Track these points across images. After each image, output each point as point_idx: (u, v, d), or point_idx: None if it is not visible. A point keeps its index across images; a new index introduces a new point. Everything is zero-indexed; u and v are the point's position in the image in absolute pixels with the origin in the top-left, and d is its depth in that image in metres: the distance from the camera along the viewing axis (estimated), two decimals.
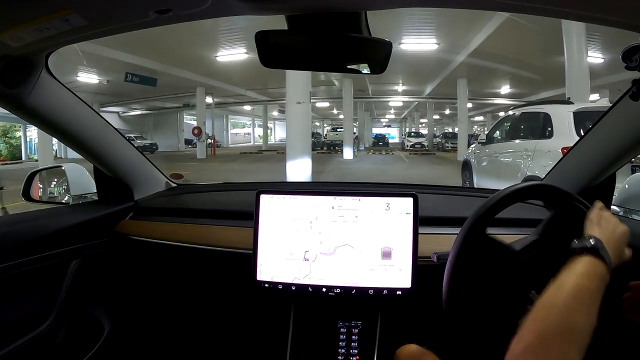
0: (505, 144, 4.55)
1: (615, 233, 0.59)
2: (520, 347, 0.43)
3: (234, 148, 25.99)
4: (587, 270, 0.51)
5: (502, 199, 0.61)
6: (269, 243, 0.92)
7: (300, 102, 6.80)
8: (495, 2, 0.55)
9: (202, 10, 0.58)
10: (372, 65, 0.71)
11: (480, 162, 5.17)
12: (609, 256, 0.53)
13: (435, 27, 8.80)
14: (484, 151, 5.08)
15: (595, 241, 0.54)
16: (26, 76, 0.79)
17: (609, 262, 0.53)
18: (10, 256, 0.88)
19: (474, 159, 5.36)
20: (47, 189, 1.37)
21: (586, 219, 0.61)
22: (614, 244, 0.57)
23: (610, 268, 0.53)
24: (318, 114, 30.22)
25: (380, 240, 0.88)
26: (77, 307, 1.03)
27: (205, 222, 1.09)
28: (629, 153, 0.83)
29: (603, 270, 0.52)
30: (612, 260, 0.53)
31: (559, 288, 0.49)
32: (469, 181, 5.39)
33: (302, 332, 0.94)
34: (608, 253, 0.54)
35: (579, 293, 0.47)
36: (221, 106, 21.74)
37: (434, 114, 24.54)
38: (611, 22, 0.53)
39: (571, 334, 0.44)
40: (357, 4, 0.60)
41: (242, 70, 12.26)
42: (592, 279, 0.50)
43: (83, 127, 0.99)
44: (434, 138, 23.37)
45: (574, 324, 0.45)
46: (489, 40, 8.54)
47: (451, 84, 14.48)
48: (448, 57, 10.91)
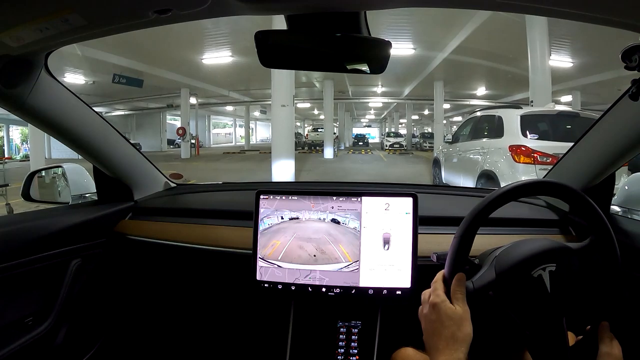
0: (467, 143, 5.00)
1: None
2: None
3: (216, 148, 26.33)
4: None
5: (500, 196, 0.61)
6: (268, 243, 0.92)
7: (285, 105, 7.19)
8: (496, 2, 0.55)
9: (202, 10, 0.58)
10: (371, 65, 0.70)
11: (447, 160, 5.69)
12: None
13: (412, 32, 9.17)
14: (450, 150, 5.56)
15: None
16: (26, 76, 0.79)
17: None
18: (10, 256, 0.88)
19: (442, 157, 5.90)
20: (47, 188, 1.37)
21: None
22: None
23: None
24: (299, 115, 30.67)
25: (380, 240, 0.88)
26: (77, 307, 1.03)
27: (205, 222, 1.09)
28: (629, 153, 0.83)
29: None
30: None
31: None
32: (438, 177, 5.99)
33: (302, 332, 0.94)
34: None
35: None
36: (204, 107, 22.02)
37: (413, 114, 25.25)
38: (611, 22, 0.53)
39: None
40: (357, 4, 0.60)
41: (226, 72, 12.64)
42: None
43: (82, 127, 0.99)
44: (413, 138, 23.98)
45: None
46: (463, 45, 8.93)
47: (429, 86, 15.14)
48: (424, 61, 11.47)
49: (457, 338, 0.54)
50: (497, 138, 4.18)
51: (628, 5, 0.49)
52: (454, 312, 0.55)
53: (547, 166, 3.61)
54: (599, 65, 9.89)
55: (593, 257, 0.62)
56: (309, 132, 24.57)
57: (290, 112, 7.45)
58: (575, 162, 0.98)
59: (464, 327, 0.54)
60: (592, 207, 0.62)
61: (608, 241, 0.61)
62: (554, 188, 0.65)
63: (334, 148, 16.25)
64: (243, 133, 29.70)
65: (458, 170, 5.19)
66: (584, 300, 0.60)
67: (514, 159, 3.81)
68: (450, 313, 0.55)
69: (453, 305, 0.56)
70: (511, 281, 0.58)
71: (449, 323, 0.55)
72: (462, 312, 0.55)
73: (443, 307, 0.56)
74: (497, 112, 4.50)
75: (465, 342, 0.53)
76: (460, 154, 5.18)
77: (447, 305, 0.56)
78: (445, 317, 0.55)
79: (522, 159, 3.77)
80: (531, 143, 3.79)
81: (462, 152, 5.09)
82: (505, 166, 3.91)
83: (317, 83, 16.32)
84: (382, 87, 18.31)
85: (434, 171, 6.40)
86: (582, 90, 13.61)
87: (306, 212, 0.91)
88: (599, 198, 0.85)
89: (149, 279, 1.18)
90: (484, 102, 17.00)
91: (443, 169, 5.83)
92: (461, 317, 0.55)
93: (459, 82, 14.78)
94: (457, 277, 0.58)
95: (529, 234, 0.96)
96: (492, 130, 4.42)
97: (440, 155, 6.10)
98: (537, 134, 3.91)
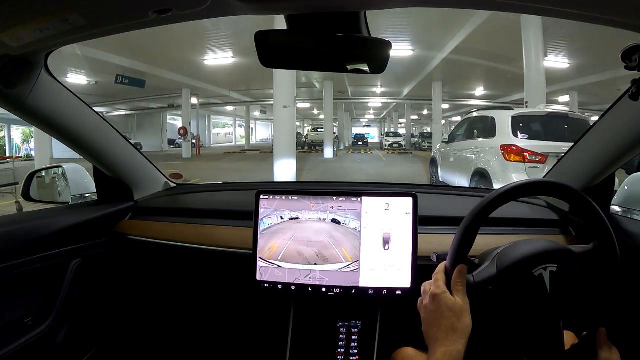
0: (462, 143, 5.21)
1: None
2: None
3: (216, 148, 26.51)
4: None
5: (500, 196, 0.61)
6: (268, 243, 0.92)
7: (287, 106, 7.41)
8: (496, 2, 0.55)
9: (202, 10, 0.58)
10: (371, 65, 0.70)
11: (443, 159, 5.92)
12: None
13: (410, 34, 9.28)
14: (447, 149, 5.78)
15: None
16: (26, 76, 0.79)
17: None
18: (10, 256, 0.87)
19: (439, 156, 6.14)
20: (47, 189, 1.37)
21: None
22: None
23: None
24: (299, 115, 30.87)
25: (380, 241, 0.88)
26: (77, 307, 1.03)
27: (205, 222, 1.09)
28: (629, 153, 0.83)
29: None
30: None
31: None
32: (435, 176, 6.23)
33: (302, 332, 0.94)
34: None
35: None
36: (205, 107, 22.17)
37: (412, 114, 25.47)
38: (611, 22, 0.53)
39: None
40: (357, 4, 0.60)
41: (227, 72, 12.76)
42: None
43: (82, 127, 0.99)
44: (412, 138, 24.23)
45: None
46: (462, 46, 9.03)
47: (427, 87, 15.31)
48: (423, 62, 11.59)
49: (456, 329, 0.54)
50: (490, 138, 4.38)
51: (628, 5, 0.49)
52: (454, 304, 0.55)
53: (536, 164, 3.85)
54: (596, 66, 10.01)
55: (594, 262, 0.62)
56: (309, 132, 24.71)
57: (292, 113, 7.67)
58: (575, 162, 0.98)
59: (464, 319, 0.54)
60: (593, 207, 0.62)
61: (608, 242, 0.61)
62: (554, 188, 0.65)
63: (333, 148, 16.46)
64: (243, 133, 29.86)
65: (454, 169, 5.37)
66: (582, 303, 0.60)
67: (505, 158, 4.00)
68: (450, 304, 0.55)
69: (453, 296, 0.56)
70: (511, 278, 0.58)
71: (449, 314, 0.55)
72: (462, 303, 0.56)
73: (443, 298, 0.56)
74: (490, 113, 4.73)
75: (465, 334, 0.54)
76: (456, 153, 5.35)
77: (447, 297, 0.56)
78: (446, 308, 0.55)
79: (513, 158, 3.95)
80: (521, 142, 3.97)
81: (458, 151, 5.26)
82: (497, 164, 4.10)
83: (317, 83, 16.46)
84: (381, 88, 18.45)
85: (432, 170, 6.60)
86: (579, 90, 13.84)
87: (306, 212, 0.91)
88: (599, 198, 0.85)
89: (149, 279, 1.17)
90: (483, 102, 17.21)
91: (440, 167, 6.02)
92: (461, 309, 0.55)
93: (457, 82, 14.94)
94: (459, 269, 0.59)
95: (529, 234, 0.96)
96: (486, 131, 4.61)
97: (437, 155, 6.29)
98: (527, 134, 4.11)
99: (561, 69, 10.62)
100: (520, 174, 3.87)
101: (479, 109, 5.61)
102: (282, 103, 7.50)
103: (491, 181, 4.12)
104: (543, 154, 3.85)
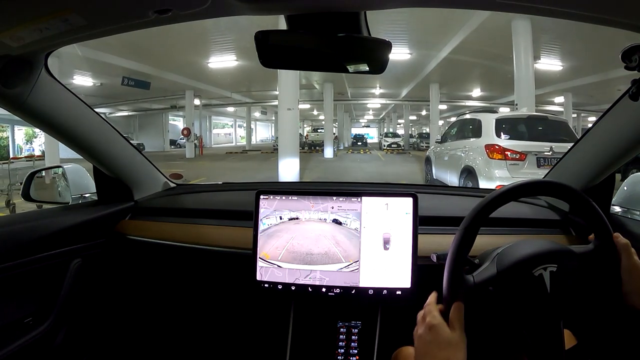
0: (453, 143, 5.69)
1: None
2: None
3: (217, 148, 26.68)
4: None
5: (500, 196, 0.61)
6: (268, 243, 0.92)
7: (291, 108, 7.84)
8: (496, 2, 0.55)
9: (202, 11, 0.58)
10: (371, 65, 0.70)
11: (437, 158, 6.40)
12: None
13: (408, 38, 9.46)
14: (440, 149, 6.25)
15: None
16: (26, 76, 0.79)
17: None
18: (10, 256, 0.87)
19: (433, 156, 6.61)
20: (47, 189, 1.37)
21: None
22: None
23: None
24: (300, 115, 30.69)
25: (380, 241, 0.88)
26: (77, 308, 1.03)
27: (205, 222, 1.09)
28: (629, 153, 0.83)
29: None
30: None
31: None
32: (430, 174, 6.70)
33: (302, 332, 0.94)
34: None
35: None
36: (206, 107, 22.30)
37: (411, 115, 25.81)
38: (611, 22, 0.53)
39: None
40: (357, 4, 0.60)
41: (229, 75, 12.96)
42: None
43: (82, 127, 0.99)
44: (410, 138, 24.64)
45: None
46: (457, 49, 9.25)
47: (425, 88, 15.63)
48: (420, 65, 11.87)
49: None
50: (477, 138, 4.87)
51: (628, 5, 0.49)
52: (452, 337, 0.54)
53: (516, 162, 4.37)
54: (589, 67, 10.14)
55: (595, 262, 0.62)
56: (309, 132, 24.83)
57: (295, 115, 8.07)
58: (575, 162, 0.98)
59: (459, 354, 0.54)
60: (593, 207, 0.62)
61: (609, 242, 0.62)
62: (554, 188, 0.65)
63: (333, 148, 16.72)
64: (243, 133, 29.87)
65: (446, 167, 5.84)
66: (582, 303, 0.60)
67: (488, 156, 4.49)
68: (447, 337, 0.55)
69: (450, 329, 0.55)
70: (512, 278, 0.58)
71: (445, 347, 0.54)
72: (460, 339, 0.55)
73: (440, 329, 0.55)
74: (477, 115, 5.23)
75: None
76: (447, 152, 5.82)
77: (445, 329, 0.55)
78: (442, 340, 0.55)
79: (495, 156, 4.45)
80: (503, 142, 4.48)
81: (450, 150, 5.72)
82: (482, 162, 4.58)
83: (317, 85, 16.63)
84: (380, 89, 18.62)
85: (426, 168, 7.07)
86: (574, 92, 13.95)
87: (306, 212, 0.91)
88: (599, 198, 0.85)
89: (149, 279, 1.17)
90: (479, 103, 17.48)
91: (434, 166, 6.50)
92: (458, 343, 0.54)
93: (454, 84, 15.21)
94: (456, 306, 0.57)
95: (530, 234, 0.96)
96: (473, 132, 5.11)
97: (432, 154, 6.77)
98: (509, 134, 4.61)
99: (555, 71, 10.80)
100: (502, 170, 4.37)
101: (471, 111, 6.02)
102: (286, 106, 7.91)
103: (477, 177, 4.56)
104: (522, 152, 4.34)
